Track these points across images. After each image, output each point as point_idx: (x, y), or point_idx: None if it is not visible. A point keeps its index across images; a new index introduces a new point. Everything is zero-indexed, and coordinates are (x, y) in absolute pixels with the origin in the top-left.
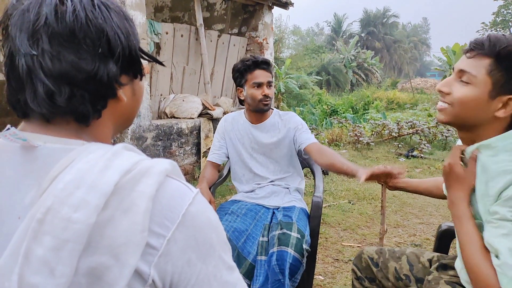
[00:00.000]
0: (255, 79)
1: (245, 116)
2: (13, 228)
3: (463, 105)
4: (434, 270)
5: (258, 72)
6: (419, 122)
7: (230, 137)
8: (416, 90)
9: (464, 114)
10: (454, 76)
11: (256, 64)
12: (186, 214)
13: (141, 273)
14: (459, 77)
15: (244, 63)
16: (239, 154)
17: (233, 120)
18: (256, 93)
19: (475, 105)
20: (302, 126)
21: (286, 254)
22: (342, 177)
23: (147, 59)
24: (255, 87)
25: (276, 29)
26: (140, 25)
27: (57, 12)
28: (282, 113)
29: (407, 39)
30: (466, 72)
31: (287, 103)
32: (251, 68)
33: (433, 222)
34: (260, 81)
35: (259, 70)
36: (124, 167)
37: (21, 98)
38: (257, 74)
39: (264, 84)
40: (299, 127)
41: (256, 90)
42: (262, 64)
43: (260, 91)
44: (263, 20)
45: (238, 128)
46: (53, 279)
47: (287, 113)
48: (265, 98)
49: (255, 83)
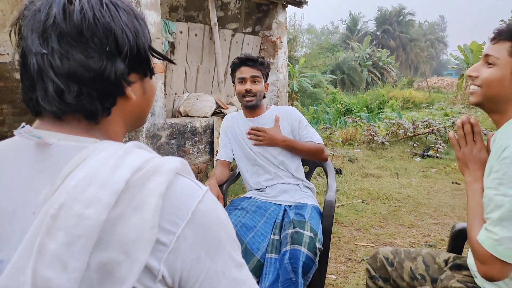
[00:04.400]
0: (239, 74)
1: (243, 114)
2: (28, 223)
3: (489, 85)
4: (447, 269)
5: (243, 68)
6: (435, 122)
7: (232, 134)
8: (432, 89)
9: (491, 94)
10: (481, 62)
11: (242, 61)
12: (195, 212)
13: (151, 269)
14: (485, 61)
15: (233, 62)
16: (242, 148)
17: (233, 119)
18: (240, 88)
19: (500, 84)
20: (303, 121)
21: (299, 253)
22: (356, 177)
23: (158, 57)
24: (240, 83)
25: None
26: (155, 25)
27: (65, 11)
28: (279, 107)
29: (424, 37)
30: (490, 55)
31: (301, 102)
32: (238, 65)
33: (448, 223)
34: (242, 76)
35: (244, 67)
36: (135, 165)
37: (33, 97)
38: (241, 70)
39: (247, 79)
40: (302, 121)
41: (241, 85)
42: (247, 61)
43: (243, 87)
44: (277, 19)
45: (238, 125)
46: (65, 274)
47: (284, 107)
48: (246, 93)
49: (239, 78)
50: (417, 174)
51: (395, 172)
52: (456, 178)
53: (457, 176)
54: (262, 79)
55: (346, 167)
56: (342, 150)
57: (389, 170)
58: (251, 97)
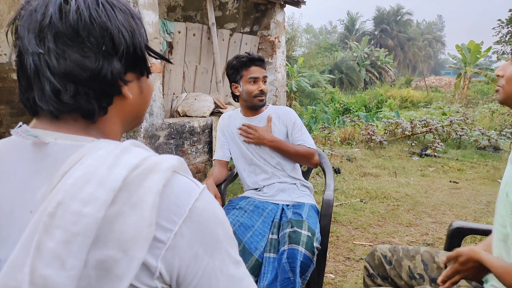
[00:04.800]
0: (251, 74)
1: (241, 113)
2: (25, 222)
3: (510, 82)
4: None
5: (254, 68)
6: (432, 121)
7: (229, 133)
8: (430, 88)
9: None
10: (509, 61)
11: (252, 61)
12: (192, 209)
13: (149, 266)
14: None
15: (240, 60)
16: (239, 147)
17: (230, 117)
18: (252, 88)
19: None
20: (298, 123)
21: (297, 252)
22: (354, 176)
23: (154, 56)
24: (251, 82)
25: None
26: (153, 25)
27: (62, 11)
28: (277, 107)
29: (421, 36)
30: None
31: (300, 101)
32: (247, 64)
33: (446, 221)
34: (256, 75)
35: (254, 67)
36: (132, 163)
37: (30, 96)
38: (253, 69)
39: (260, 79)
40: (296, 123)
41: (252, 85)
42: (257, 61)
43: (256, 86)
44: (275, 18)
45: (235, 124)
46: (63, 271)
47: (282, 108)
48: (261, 93)
49: (252, 78)
50: (415, 173)
51: (393, 171)
52: (454, 177)
53: (454, 175)
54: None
55: (345, 166)
56: (341, 150)
57: (387, 169)
58: (264, 96)
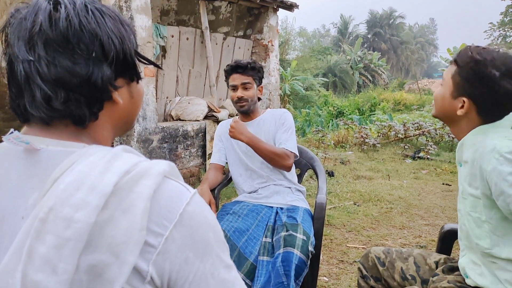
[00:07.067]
0: (231, 82)
1: (239, 118)
2: (17, 228)
3: (436, 101)
4: (440, 272)
5: (234, 75)
6: (425, 124)
7: (227, 139)
8: (423, 91)
9: (439, 109)
10: (441, 80)
11: (232, 69)
12: (183, 214)
13: (140, 271)
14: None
15: (225, 70)
16: (235, 152)
17: (227, 124)
18: (232, 95)
19: (442, 102)
20: (286, 124)
21: (292, 255)
22: (348, 179)
23: (144, 62)
24: (232, 90)
25: (282, 31)
26: (146, 29)
27: (51, 18)
28: (275, 110)
29: (414, 40)
30: (442, 76)
31: (293, 105)
32: (229, 72)
33: (438, 224)
34: (233, 83)
35: (235, 74)
36: (123, 168)
37: (21, 103)
38: (233, 77)
39: (237, 86)
40: (285, 124)
41: (233, 92)
42: (237, 69)
43: (236, 94)
44: (268, 22)
45: None
46: (55, 276)
47: (279, 110)
48: (239, 100)
49: (231, 86)
50: (408, 176)
51: (387, 174)
52: (447, 179)
53: (447, 178)
54: (254, 84)
55: (338, 169)
56: (334, 153)
57: (381, 172)
58: (243, 102)
